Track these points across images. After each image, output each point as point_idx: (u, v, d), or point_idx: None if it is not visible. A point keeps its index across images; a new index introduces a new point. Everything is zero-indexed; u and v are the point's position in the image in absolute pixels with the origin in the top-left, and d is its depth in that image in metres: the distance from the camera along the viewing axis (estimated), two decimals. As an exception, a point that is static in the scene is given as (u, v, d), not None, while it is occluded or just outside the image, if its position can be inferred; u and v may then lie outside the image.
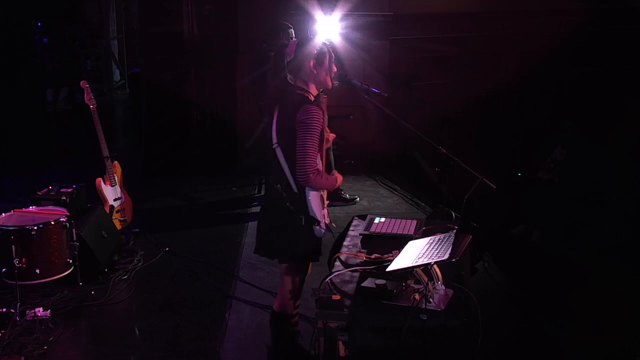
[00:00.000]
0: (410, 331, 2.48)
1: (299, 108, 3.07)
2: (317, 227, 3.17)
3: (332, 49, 3.25)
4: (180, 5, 7.22)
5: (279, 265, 3.36)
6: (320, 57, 3.17)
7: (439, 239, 2.87)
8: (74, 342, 4.02)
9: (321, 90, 3.28)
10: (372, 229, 3.44)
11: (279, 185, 3.19)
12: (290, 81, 3.17)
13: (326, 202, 3.30)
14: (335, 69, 3.26)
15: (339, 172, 3.40)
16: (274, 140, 3.19)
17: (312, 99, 3.22)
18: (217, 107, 7.50)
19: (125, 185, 5.41)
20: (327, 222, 3.26)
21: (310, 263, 3.40)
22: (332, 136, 3.53)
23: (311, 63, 3.16)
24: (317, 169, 3.08)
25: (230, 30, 7.38)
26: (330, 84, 3.25)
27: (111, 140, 5.83)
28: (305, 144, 3.05)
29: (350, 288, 2.80)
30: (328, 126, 3.45)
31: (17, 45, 7.86)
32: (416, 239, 3.04)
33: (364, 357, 2.62)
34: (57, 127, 9.84)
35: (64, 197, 4.96)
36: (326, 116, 3.36)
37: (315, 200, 3.15)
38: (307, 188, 3.13)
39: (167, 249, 5.31)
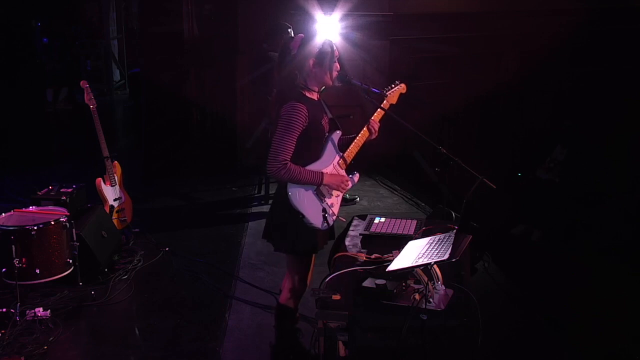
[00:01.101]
0: (410, 331, 2.48)
1: (286, 104, 3.13)
2: (304, 220, 3.20)
3: (336, 48, 3.26)
4: (180, 5, 7.22)
5: (285, 257, 3.42)
6: (320, 56, 3.19)
7: (439, 239, 2.87)
8: (74, 342, 4.02)
9: (323, 88, 3.30)
10: (372, 229, 3.44)
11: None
12: (295, 77, 3.20)
13: (328, 196, 3.28)
14: (338, 68, 3.27)
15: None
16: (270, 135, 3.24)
17: (313, 95, 3.23)
18: (217, 107, 7.50)
19: (125, 185, 5.41)
20: (330, 215, 3.26)
21: (313, 256, 3.43)
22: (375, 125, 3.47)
23: (311, 62, 3.18)
24: (285, 163, 3.11)
25: (230, 30, 7.38)
26: (330, 82, 3.26)
27: (111, 140, 5.83)
28: (278, 138, 3.12)
29: (350, 288, 2.80)
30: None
31: (17, 45, 7.84)
32: (416, 239, 3.04)
33: (364, 357, 2.62)
34: (57, 127, 9.83)
35: (64, 197, 4.96)
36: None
37: (298, 192, 3.19)
38: (287, 181, 3.18)
39: (167, 249, 5.31)
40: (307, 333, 3.56)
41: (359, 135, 3.46)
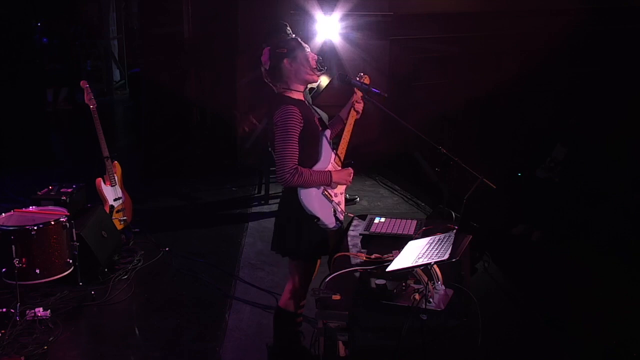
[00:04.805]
0: (410, 331, 2.48)
1: (277, 109, 3.11)
2: (320, 223, 3.18)
3: (302, 41, 3.26)
4: (180, 5, 7.22)
5: (289, 262, 3.39)
6: (291, 53, 3.18)
7: (439, 239, 2.87)
8: (74, 342, 4.02)
9: (308, 85, 3.30)
10: (372, 229, 3.44)
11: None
12: (275, 86, 3.22)
13: (334, 194, 3.28)
14: (316, 58, 3.25)
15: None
16: (270, 144, 3.24)
17: (300, 96, 3.23)
18: (217, 107, 7.50)
19: (125, 185, 5.41)
20: (339, 213, 3.26)
21: (319, 260, 3.42)
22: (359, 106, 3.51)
23: (285, 62, 3.17)
24: (296, 169, 3.09)
25: (230, 30, 7.38)
26: (313, 75, 3.24)
27: (111, 140, 5.83)
28: (280, 145, 3.08)
29: (350, 288, 2.80)
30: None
31: (17, 45, 7.84)
32: (416, 239, 3.03)
33: (364, 357, 2.62)
34: (57, 127, 9.83)
35: (64, 197, 4.96)
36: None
37: (309, 197, 3.17)
38: (298, 187, 3.16)
39: (167, 249, 5.31)
40: (307, 333, 3.56)
41: (347, 126, 3.44)
